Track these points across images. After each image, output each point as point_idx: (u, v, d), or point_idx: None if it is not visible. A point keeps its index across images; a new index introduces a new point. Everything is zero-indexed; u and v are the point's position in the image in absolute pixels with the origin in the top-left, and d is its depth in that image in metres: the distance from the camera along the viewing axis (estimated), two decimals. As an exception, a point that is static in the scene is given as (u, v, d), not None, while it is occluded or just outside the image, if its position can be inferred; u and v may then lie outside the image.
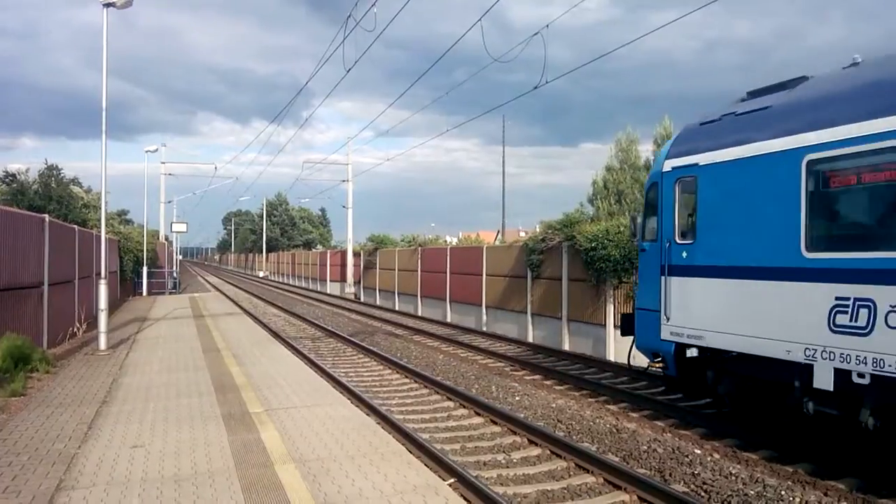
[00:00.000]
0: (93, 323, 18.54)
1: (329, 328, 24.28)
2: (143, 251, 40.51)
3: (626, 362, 13.47)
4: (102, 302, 15.70)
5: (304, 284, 63.07)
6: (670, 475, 8.40)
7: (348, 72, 17.43)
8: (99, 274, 17.07)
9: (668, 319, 10.87)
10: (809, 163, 8.49)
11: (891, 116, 7.52)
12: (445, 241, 45.38)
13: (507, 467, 8.81)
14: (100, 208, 17.16)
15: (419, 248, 34.85)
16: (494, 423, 10.92)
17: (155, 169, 52.98)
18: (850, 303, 7.89)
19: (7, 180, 32.71)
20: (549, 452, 9.31)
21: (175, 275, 48.85)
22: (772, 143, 9.08)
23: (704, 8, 12.63)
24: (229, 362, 13.78)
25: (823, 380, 8.17)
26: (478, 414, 11.50)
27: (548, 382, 14.43)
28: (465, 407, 12.03)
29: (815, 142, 8.43)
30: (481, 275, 26.99)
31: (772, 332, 8.91)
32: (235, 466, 6.81)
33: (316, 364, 15.60)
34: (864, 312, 7.73)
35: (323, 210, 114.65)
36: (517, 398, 12.73)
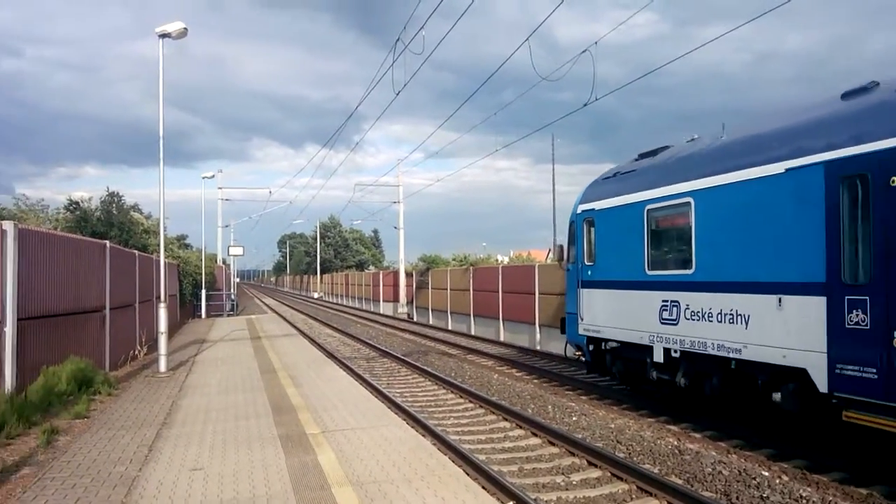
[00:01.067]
0: (153, 345, 18.93)
1: (383, 348, 24.34)
2: (201, 275, 41.34)
3: (578, 358, 16.51)
4: (162, 325, 16.01)
5: (357, 305, 63.52)
6: (737, 499, 8.11)
7: (398, 94, 17.54)
8: (159, 297, 17.42)
9: (582, 320, 14.94)
10: (648, 211, 12.63)
11: (681, 183, 11.72)
12: (496, 260, 45.23)
13: (567, 489, 8.63)
14: (159, 233, 17.53)
15: (471, 268, 34.79)
16: (552, 443, 10.73)
17: (212, 194, 54.30)
18: (669, 304, 12.01)
19: (71, 208, 33.71)
20: (609, 474, 9.09)
21: (233, 297, 49.70)
22: (632, 195, 13.13)
23: (754, 21, 12.41)
24: (286, 383, 13.88)
25: (658, 355, 12.31)
26: (535, 434, 11.32)
27: (606, 402, 14.15)
28: (521, 427, 11.86)
29: (650, 197, 12.59)
30: (534, 293, 26.73)
31: (634, 325, 13.00)
32: (293, 489, 6.80)
33: (371, 384, 15.61)
34: (675, 310, 11.86)
35: (375, 231, 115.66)
36: (574, 418, 12.51)
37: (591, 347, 14.84)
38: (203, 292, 41.53)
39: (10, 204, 33.48)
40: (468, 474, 7.95)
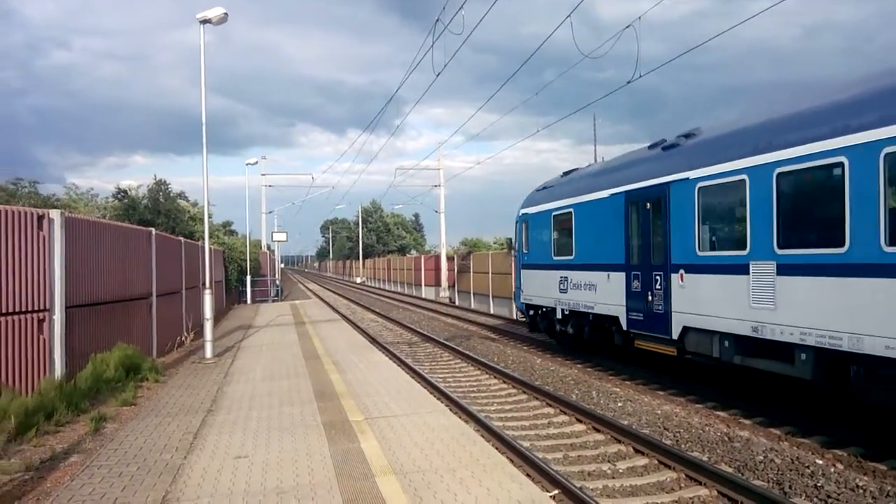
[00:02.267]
0: (199, 331, 19.17)
1: (425, 333, 24.34)
2: (246, 261, 41.81)
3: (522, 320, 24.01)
4: (208, 311, 16.17)
5: (399, 289, 63.74)
6: (790, 488, 7.87)
7: (438, 75, 17.39)
8: (205, 284, 17.61)
9: (522, 292, 21.11)
10: (553, 215, 18.34)
11: (568, 198, 17.35)
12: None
13: (613, 478, 8.47)
14: (204, 220, 17.68)
15: (513, 251, 34.53)
16: (597, 430, 10.57)
17: (256, 181, 54.44)
18: (563, 279, 17.61)
19: (119, 196, 34.35)
20: (656, 462, 8.91)
21: (277, 283, 50.23)
22: (546, 205, 18.93)
23: (805, -8, 12.02)
24: (329, 369, 13.92)
25: (559, 314, 18.05)
26: (579, 421, 11.17)
27: (652, 387, 13.89)
28: (565, 413, 11.72)
29: (554, 206, 18.30)
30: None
31: (548, 294, 18.75)
32: (337, 478, 6.76)
33: (413, 370, 15.59)
34: (565, 283, 17.44)
35: (416, 215, 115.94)
36: (619, 404, 12.32)
37: (530, 312, 20.85)
38: (248, 278, 42.02)
39: (62, 193, 34.28)
40: (513, 462, 7.86)
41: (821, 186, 9.71)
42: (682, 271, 12.64)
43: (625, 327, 14.47)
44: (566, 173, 19.12)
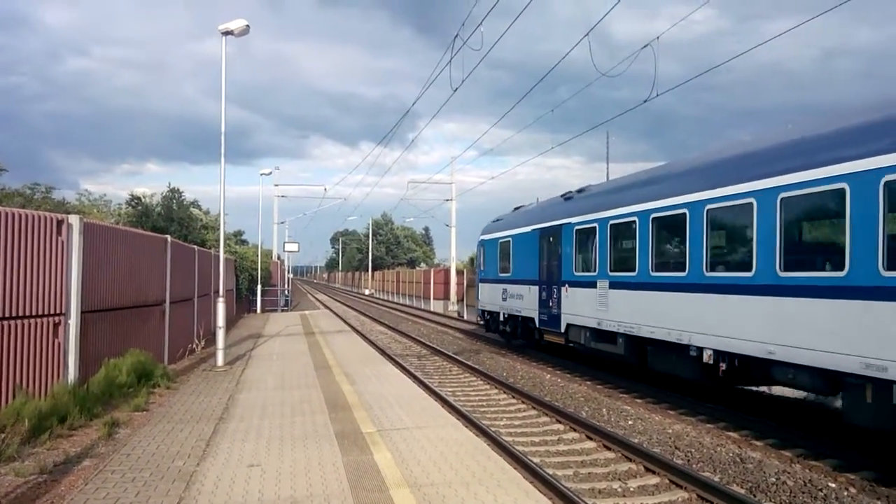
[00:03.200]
0: (211, 339, 19.23)
1: (434, 346, 24.33)
2: (257, 270, 41.94)
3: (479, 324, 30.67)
4: (221, 319, 16.22)
5: (408, 302, 63.72)
6: (804, 511, 7.82)
7: (455, 91, 17.52)
8: (217, 292, 17.68)
9: (480, 301, 27.50)
10: (500, 242, 24.28)
11: (509, 230, 23.75)
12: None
13: (624, 496, 8.45)
14: (217, 229, 17.80)
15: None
16: (608, 448, 10.54)
17: (269, 191, 54.82)
18: (503, 291, 23.73)
19: (133, 203, 34.56)
20: (668, 481, 8.87)
21: (287, 293, 50.32)
22: (497, 234, 24.79)
23: (822, 16, 12.00)
24: (340, 380, 13.94)
25: (502, 317, 24.27)
26: (589, 438, 11.14)
27: (662, 406, 13.84)
28: (575, 430, 11.69)
29: (500, 235, 24.33)
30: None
31: (494, 302, 24.94)
32: (350, 489, 6.76)
33: (423, 383, 15.59)
34: (505, 293, 23.61)
35: (426, 229, 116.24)
36: (630, 422, 12.28)
37: (486, 317, 26.70)
38: (259, 287, 42.13)
39: (74, 199, 34.54)
40: (527, 480, 7.83)
41: (628, 232, 15.15)
42: (566, 286, 18.22)
43: (538, 325, 20.30)
44: (516, 209, 25.24)
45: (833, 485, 8.70)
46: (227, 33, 16.15)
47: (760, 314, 10.88)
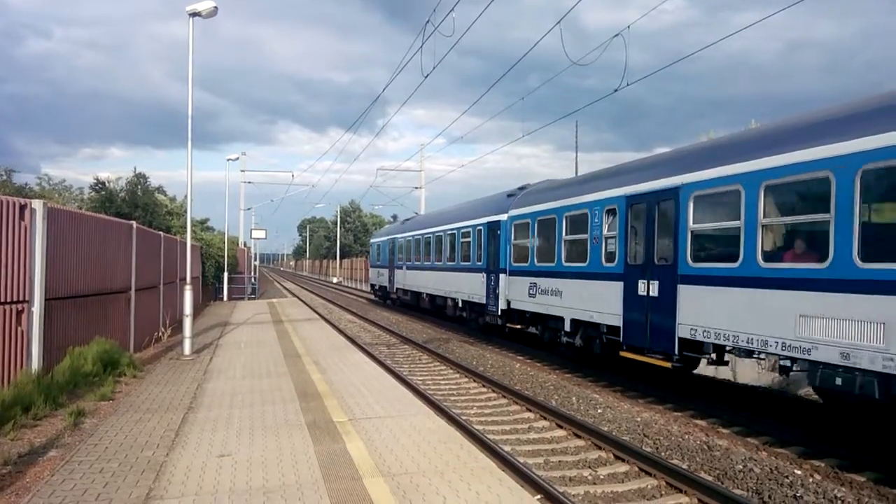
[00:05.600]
0: (177, 327, 18.98)
1: (403, 334, 24.29)
2: (224, 257, 41.46)
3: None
4: (188, 307, 15.98)
5: (376, 290, 63.40)
6: (770, 498, 7.96)
7: (426, 77, 17.42)
8: (184, 279, 17.44)
9: (370, 280, 46.60)
10: (393, 240, 37.91)
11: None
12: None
13: (595, 483, 8.52)
14: (182, 215, 17.53)
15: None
16: (578, 436, 10.63)
17: (235, 177, 54.11)
18: (398, 274, 36.18)
19: (97, 188, 33.86)
20: (637, 469, 8.97)
21: (254, 281, 49.85)
22: (382, 238, 41.91)
23: (787, 9, 12.14)
24: (310, 368, 13.85)
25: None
26: (560, 426, 11.21)
27: (630, 394, 13.98)
28: (545, 419, 11.76)
29: (398, 235, 36.95)
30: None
31: (381, 280, 41.49)
32: (323, 479, 6.72)
33: (394, 371, 15.55)
34: (400, 275, 36.27)
35: (394, 217, 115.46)
36: (599, 410, 12.38)
37: (376, 289, 41.49)
38: (225, 275, 41.67)
39: (34, 183, 33.78)
40: (499, 467, 7.85)
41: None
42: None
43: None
44: (405, 220, 35.74)
45: (798, 472, 8.86)
46: (194, 14, 15.84)
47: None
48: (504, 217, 20.73)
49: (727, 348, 11.44)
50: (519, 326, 20.16)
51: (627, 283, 13.75)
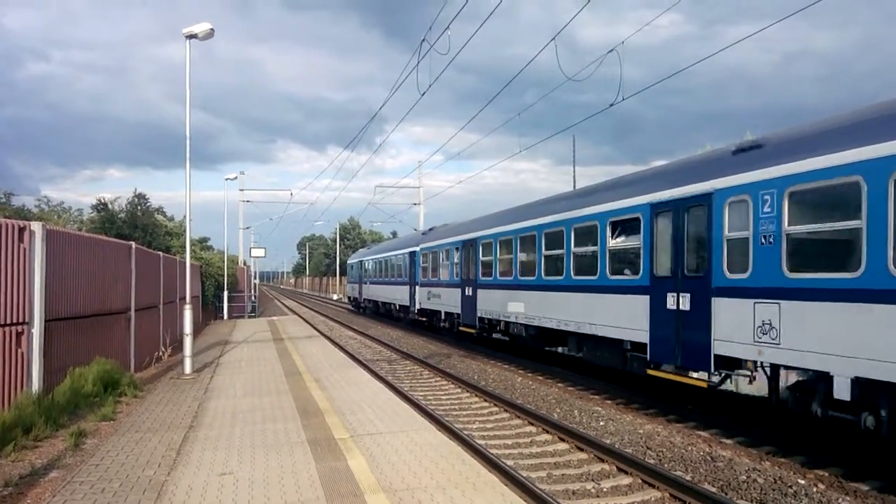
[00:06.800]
0: (177, 347, 18.96)
1: (404, 350, 24.26)
2: (223, 276, 41.46)
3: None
4: (188, 326, 15.99)
5: (377, 306, 63.32)
6: (774, 508, 7.92)
7: (423, 94, 17.49)
8: (183, 299, 17.43)
9: (350, 293, 56.97)
10: (362, 262, 47.96)
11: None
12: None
13: (598, 496, 8.49)
14: (182, 235, 17.57)
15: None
16: (580, 449, 10.59)
17: (234, 196, 54.17)
18: (366, 288, 46.33)
19: (99, 208, 33.95)
20: (640, 481, 8.94)
21: (254, 299, 49.82)
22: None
23: (783, 21, 12.25)
24: (311, 386, 13.83)
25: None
26: (562, 440, 11.18)
27: (633, 406, 13.95)
28: (548, 432, 11.72)
29: (368, 257, 45.91)
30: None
31: (355, 292, 52.84)
32: (326, 497, 6.70)
33: (395, 387, 15.51)
34: (364, 289, 47.22)
35: (393, 233, 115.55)
36: (601, 423, 12.35)
37: (355, 300, 50.80)
38: (225, 294, 41.65)
39: (33, 206, 33.84)
40: (502, 482, 7.82)
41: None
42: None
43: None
44: (373, 244, 46.55)
45: (802, 481, 8.83)
46: (191, 37, 15.95)
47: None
48: (417, 248, 31.15)
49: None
50: (423, 319, 31.09)
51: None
